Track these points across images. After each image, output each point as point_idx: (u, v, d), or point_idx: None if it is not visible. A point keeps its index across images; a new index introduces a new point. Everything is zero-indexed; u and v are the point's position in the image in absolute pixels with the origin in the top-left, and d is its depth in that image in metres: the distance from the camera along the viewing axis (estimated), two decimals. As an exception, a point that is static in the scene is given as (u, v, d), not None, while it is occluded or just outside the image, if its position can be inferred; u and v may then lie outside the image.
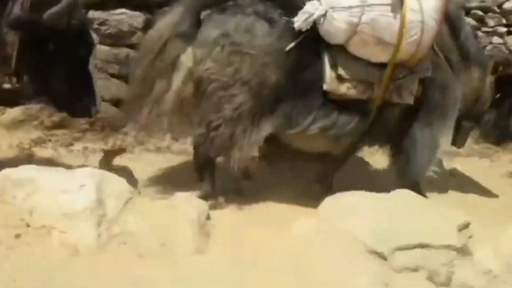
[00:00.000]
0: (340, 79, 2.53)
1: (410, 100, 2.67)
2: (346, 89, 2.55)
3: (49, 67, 2.41)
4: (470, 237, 2.15)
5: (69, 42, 2.39)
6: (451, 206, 2.61)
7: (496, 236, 2.23)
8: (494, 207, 3.35)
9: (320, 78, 2.55)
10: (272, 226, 2.31)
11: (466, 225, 2.18)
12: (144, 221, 1.99)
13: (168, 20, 2.57)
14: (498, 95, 3.19)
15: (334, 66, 2.53)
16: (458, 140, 3.35)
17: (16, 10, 2.25)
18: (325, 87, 2.55)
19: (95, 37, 2.66)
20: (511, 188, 3.73)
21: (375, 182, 3.24)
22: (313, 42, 2.54)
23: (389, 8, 2.46)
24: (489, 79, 3.15)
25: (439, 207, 2.44)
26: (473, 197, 3.44)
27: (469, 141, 3.61)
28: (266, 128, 2.58)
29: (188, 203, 2.18)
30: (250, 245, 2.09)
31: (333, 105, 2.60)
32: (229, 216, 2.51)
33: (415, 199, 2.38)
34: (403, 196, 2.35)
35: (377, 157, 3.36)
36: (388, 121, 2.74)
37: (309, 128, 2.60)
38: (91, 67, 2.55)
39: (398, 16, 2.45)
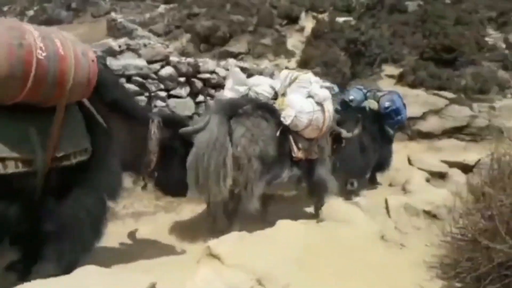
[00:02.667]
0: (299, 149, 4.56)
1: (314, 156, 4.83)
2: (301, 154, 4.59)
3: (175, 164, 3.44)
4: (158, 297, 2.18)
5: (184, 144, 3.50)
6: (133, 270, 2.59)
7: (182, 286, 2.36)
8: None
9: (289, 149, 4.51)
10: None
11: (153, 286, 2.20)
12: None
13: (213, 124, 3.87)
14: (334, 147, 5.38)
15: (296, 142, 4.54)
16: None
17: (159, 130, 3.26)
18: (293, 154, 4.53)
19: None
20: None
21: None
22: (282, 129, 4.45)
23: (320, 111, 4.65)
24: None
25: (122, 274, 2.38)
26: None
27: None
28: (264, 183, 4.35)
29: None
30: None
31: (293, 164, 4.60)
32: None
33: (96, 272, 2.23)
34: (87, 273, 2.16)
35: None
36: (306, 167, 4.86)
37: (284, 178, 4.54)
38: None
39: (322, 113, 4.65)
